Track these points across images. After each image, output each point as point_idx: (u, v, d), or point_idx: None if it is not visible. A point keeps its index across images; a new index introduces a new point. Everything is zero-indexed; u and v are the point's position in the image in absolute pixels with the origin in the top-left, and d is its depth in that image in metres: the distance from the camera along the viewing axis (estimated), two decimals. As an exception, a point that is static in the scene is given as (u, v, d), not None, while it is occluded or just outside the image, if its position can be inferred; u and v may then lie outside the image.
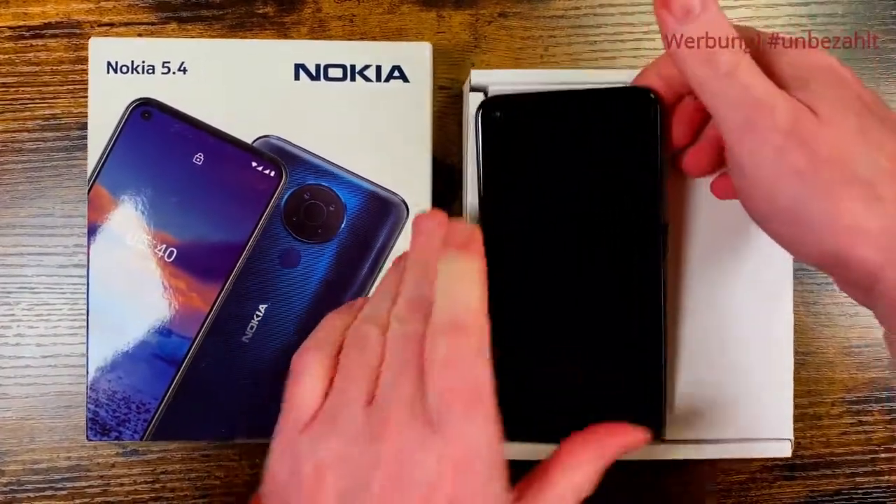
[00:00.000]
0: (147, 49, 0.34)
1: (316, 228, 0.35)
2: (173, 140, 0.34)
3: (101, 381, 0.34)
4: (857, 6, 0.40)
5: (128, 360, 0.34)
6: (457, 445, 0.23)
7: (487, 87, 0.34)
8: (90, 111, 0.34)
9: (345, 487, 0.23)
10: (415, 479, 0.22)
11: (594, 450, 0.26)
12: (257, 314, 0.35)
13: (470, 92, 0.34)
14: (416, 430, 0.23)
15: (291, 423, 0.26)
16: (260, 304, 0.34)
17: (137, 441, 0.36)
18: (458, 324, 0.24)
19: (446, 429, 0.23)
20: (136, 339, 0.34)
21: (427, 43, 0.35)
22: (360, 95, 0.35)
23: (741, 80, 0.24)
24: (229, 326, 0.34)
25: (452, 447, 0.23)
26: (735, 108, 0.24)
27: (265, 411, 0.34)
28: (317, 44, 0.35)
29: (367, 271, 0.35)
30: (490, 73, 0.34)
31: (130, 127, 0.34)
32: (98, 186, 0.34)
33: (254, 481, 0.38)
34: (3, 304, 0.38)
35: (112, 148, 0.34)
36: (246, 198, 0.34)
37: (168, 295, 0.34)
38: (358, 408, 0.24)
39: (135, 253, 0.34)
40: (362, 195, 0.35)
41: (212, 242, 0.34)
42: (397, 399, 0.24)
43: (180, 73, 0.34)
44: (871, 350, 0.39)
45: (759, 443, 0.34)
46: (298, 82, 0.35)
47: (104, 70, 0.34)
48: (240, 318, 0.34)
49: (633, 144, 0.30)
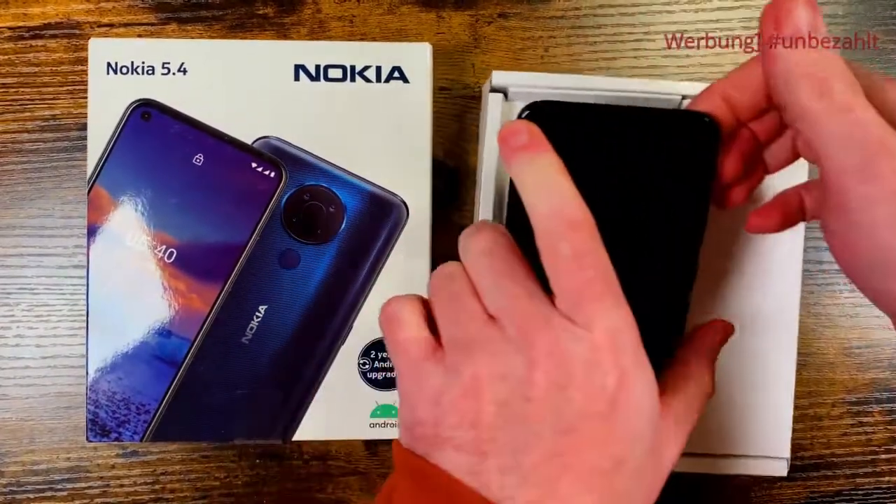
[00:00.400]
0: (147, 50, 0.34)
1: (315, 229, 0.35)
2: (173, 141, 0.34)
3: (101, 382, 0.34)
4: (857, 6, 0.40)
5: (127, 361, 0.34)
6: (605, 333, 0.22)
7: (507, 89, 0.34)
8: (90, 112, 0.34)
9: (504, 396, 0.23)
10: (574, 372, 0.22)
11: (706, 354, 0.29)
12: (257, 315, 0.34)
13: (490, 93, 0.34)
14: (557, 329, 0.23)
15: (415, 360, 0.24)
16: (260, 305, 0.34)
17: (137, 442, 0.36)
18: (569, 219, 0.23)
19: (591, 321, 0.22)
20: (135, 340, 0.34)
21: (427, 44, 0.35)
22: (360, 96, 0.35)
23: (859, 117, 0.22)
24: (229, 327, 0.34)
25: (601, 335, 0.22)
26: (850, 148, 0.22)
27: (264, 412, 0.34)
28: (317, 44, 0.35)
29: (367, 272, 0.35)
30: (512, 74, 0.34)
31: (130, 128, 0.34)
32: (98, 187, 0.34)
33: (254, 482, 0.38)
34: (3, 306, 0.38)
35: (112, 149, 0.34)
36: (246, 199, 0.34)
37: (168, 296, 0.34)
38: (482, 325, 0.24)
39: (134, 254, 0.34)
40: (362, 196, 0.35)
41: (212, 243, 0.34)
42: (520, 308, 0.23)
43: (180, 73, 0.34)
44: (872, 351, 0.39)
45: (756, 460, 0.35)
46: (298, 83, 0.35)
47: (104, 71, 0.34)
48: (239, 319, 0.34)
49: (684, 173, 0.28)
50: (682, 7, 0.39)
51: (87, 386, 0.34)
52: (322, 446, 0.38)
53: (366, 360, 0.35)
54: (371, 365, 0.35)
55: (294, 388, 0.35)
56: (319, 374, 0.35)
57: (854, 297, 0.39)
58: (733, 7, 0.39)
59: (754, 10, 0.39)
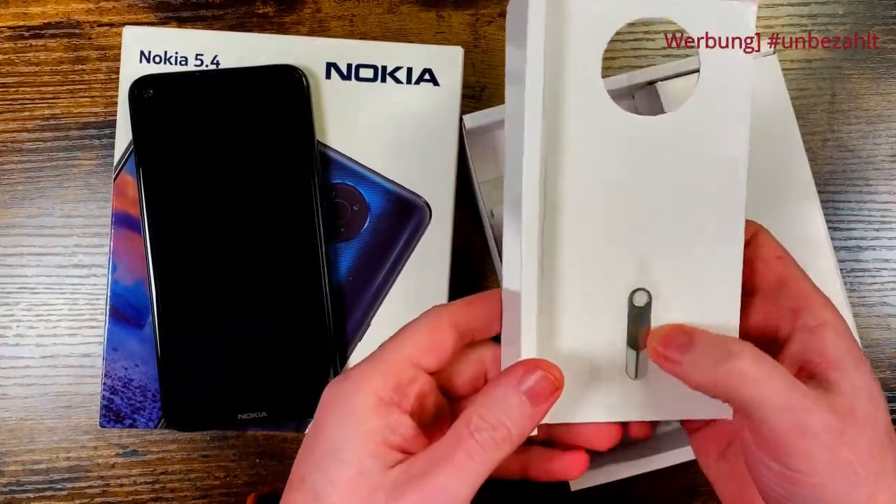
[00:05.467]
0: (181, 40, 0.34)
1: (339, 227, 0.35)
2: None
3: (118, 368, 0.34)
4: (857, 6, 0.40)
5: (146, 348, 0.34)
6: None
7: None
8: (120, 100, 0.34)
9: None
10: None
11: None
12: None
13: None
14: None
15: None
16: None
17: (151, 429, 0.36)
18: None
19: None
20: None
21: (459, 47, 0.35)
22: (389, 97, 0.35)
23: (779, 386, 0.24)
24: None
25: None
26: (782, 413, 0.23)
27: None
28: (350, 43, 0.35)
29: (388, 271, 0.35)
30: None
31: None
32: (124, 174, 0.34)
33: (254, 481, 0.38)
34: (3, 305, 0.38)
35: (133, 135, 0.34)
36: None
37: None
38: None
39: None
40: (387, 196, 0.35)
41: None
42: None
43: (213, 66, 0.34)
44: (872, 351, 0.39)
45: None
46: (329, 81, 0.35)
47: (137, 59, 0.34)
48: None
49: (285, 119, 0.33)
50: (682, 7, 0.39)
51: (102, 372, 0.34)
52: (322, 446, 0.39)
53: None
54: None
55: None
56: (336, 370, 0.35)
57: (853, 298, 0.39)
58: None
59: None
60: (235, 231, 0.33)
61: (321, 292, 0.34)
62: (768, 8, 0.39)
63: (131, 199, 0.34)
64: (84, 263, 0.38)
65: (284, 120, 0.34)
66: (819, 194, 0.39)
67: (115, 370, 0.34)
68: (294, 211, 0.34)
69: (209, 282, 0.33)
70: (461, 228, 0.37)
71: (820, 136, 0.40)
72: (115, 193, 0.34)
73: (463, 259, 0.38)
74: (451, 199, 0.35)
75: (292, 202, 0.34)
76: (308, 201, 0.34)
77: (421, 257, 0.35)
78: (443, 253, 0.35)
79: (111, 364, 0.34)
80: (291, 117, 0.34)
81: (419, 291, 0.35)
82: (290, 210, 0.34)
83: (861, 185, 0.40)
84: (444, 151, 0.35)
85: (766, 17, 0.39)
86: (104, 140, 0.38)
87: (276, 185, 0.34)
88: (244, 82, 0.34)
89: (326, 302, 0.34)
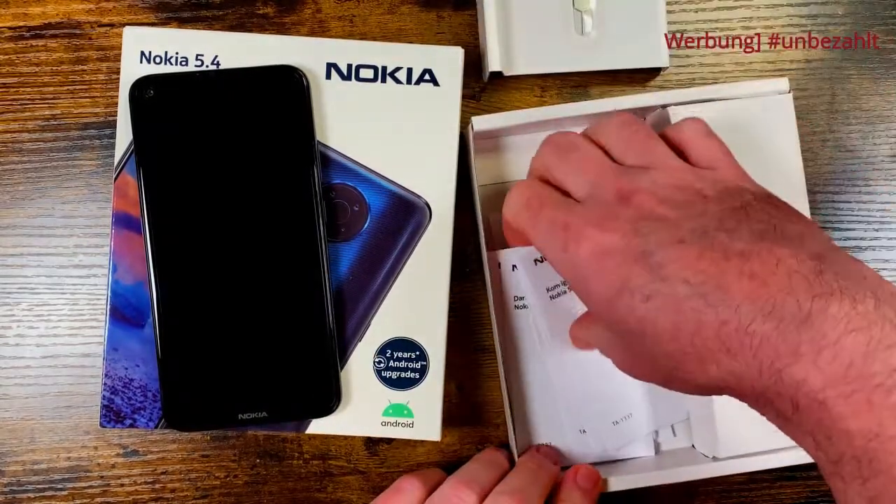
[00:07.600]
0: (182, 40, 0.34)
1: (339, 227, 0.35)
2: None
3: (118, 368, 0.34)
4: (857, 6, 0.40)
5: (146, 348, 0.34)
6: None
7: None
8: (121, 100, 0.34)
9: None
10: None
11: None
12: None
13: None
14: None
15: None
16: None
17: (151, 429, 0.36)
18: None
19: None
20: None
21: (459, 48, 0.35)
22: (389, 97, 0.35)
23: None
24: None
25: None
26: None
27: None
28: (350, 43, 0.35)
29: (388, 271, 0.35)
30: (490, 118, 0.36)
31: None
32: (125, 175, 0.34)
33: (254, 481, 0.38)
34: (4, 305, 0.38)
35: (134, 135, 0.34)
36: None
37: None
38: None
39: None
40: (387, 196, 0.35)
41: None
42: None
43: (213, 66, 0.34)
44: (871, 350, 0.39)
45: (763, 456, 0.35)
46: (329, 81, 0.35)
47: (137, 59, 0.34)
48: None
49: (286, 119, 0.34)
50: (682, 7, 0.39)
51: (103, 372, 0.34)
52: (322, 446, 0.39)
53: (381, 359, 0.35)
54: (386, 364, 0.35)
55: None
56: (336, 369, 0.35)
57: (854, 297, 0.39)
58: (733, 7, 0.39)
59: (754, 10, 0.39)
60: (236, 231, 0.33)
61: (321, 292, 0.34)
62: (768, 8, 0.39)
63: (132, 200, 0.34)
64: (84, 264, 0.38)
65: (284, 120, 0.34)
66: (818, 194, 0.39)
67: (115, 370, 0.34)
68: (294, 211, 0.34)
69: (210, 282, 0.33)
70: (461, 229, 0.37)
71: (819, 137, 0.40)
72: (115, 194, 0.34)
73: (463, 259, 0.38)
74: (452, 200, 0.35)
75: (292, 202, 0.34)
76: (308, 201, 0.34)
77: (421, 257, 0.35)
78: (443, 253, 0.35)
79: (111, 364, 0.34)
80: (291, 117, 0.34)
81: (419, 291, 0.35)
82: (290, 210, 0.34)
83: (860, 185, 0.40)
84: (445, 152, 0.35)
85: (766, 17, 0.39)
86: (104, 140, 0.38)
87: (277, 185, 0.34)
88: (244, 83, 0.34)
89: (327, 302, 0.34)
